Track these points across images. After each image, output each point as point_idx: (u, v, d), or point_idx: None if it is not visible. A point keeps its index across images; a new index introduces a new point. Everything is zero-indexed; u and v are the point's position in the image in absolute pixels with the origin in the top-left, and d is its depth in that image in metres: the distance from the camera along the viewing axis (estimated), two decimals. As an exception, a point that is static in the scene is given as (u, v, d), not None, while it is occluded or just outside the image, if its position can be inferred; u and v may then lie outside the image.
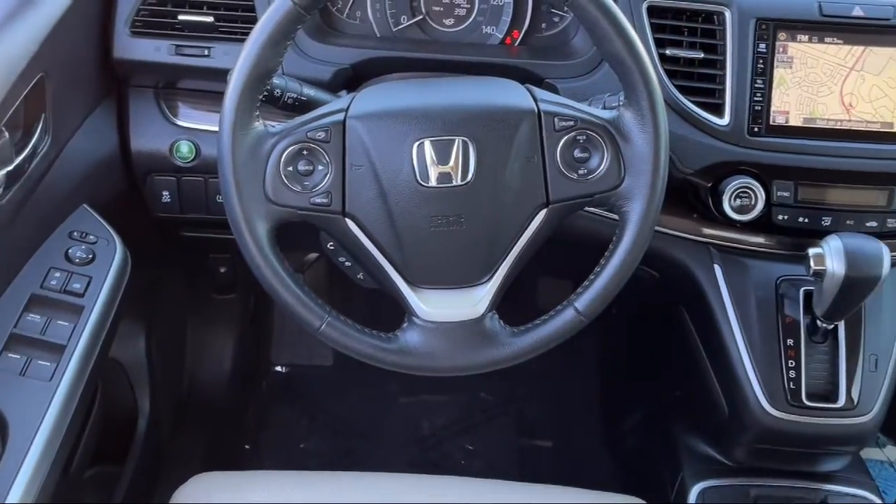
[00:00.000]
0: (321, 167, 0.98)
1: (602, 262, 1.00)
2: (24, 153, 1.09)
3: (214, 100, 1.27)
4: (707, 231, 1.29)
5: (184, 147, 1.30)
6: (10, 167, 1.05)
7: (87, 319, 1.12)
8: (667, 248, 1.29)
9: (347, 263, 1.20)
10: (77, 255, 1.16)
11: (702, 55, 1.21)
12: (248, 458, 1.97)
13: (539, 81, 1.23)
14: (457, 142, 0.97)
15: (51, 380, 1.06)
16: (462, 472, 1.84)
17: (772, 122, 1.21)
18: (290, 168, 0.97)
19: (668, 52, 1.21)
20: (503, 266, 1.01)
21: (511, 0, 1.33)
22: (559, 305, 1.01)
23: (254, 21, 1.13)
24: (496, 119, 0.98)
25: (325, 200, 0.98)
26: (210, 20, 1.25)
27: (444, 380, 1.03)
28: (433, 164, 0.97)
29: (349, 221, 0.99)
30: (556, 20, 1.34)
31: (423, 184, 0.97)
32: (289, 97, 1.12)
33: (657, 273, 1.35)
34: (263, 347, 2.17)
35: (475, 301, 1.00)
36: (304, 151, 0.98)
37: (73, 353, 1.09)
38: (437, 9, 1.33)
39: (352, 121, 0.98)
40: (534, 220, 1.00)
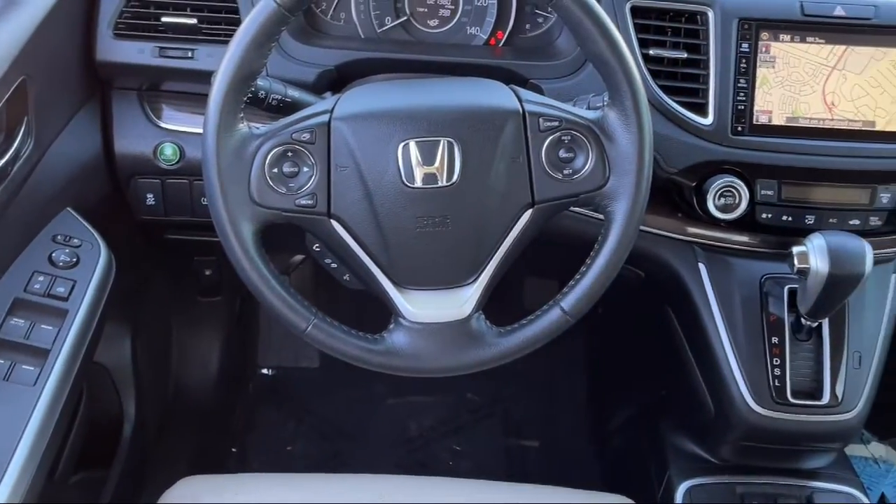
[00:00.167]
0: (306, 169, 0.98)
1: (588, 262, 1.00)
2: (7, 156, 1.08)
3: (198, 102, 1.27)
4: (691, 230, 1.29)
5: (168, 149, 1.30)
6: (-7, 171, 1.05)
7: (72, 323, 1.11)
8: (652, 248, 1.29)
9: (333, 265, 1.20)
10: (61, 259, 1.16)
11: (685, 55, 1.22)
12: (235, 461, 1.96)
13: (523, 82, 1.23)
14: (442, 142, 0.97)
15: (35, 384, 1.05)
16: (449, 473, 1.84)
17: (755, 122, 1.21)
18: (275, 170, 0.97)
19: (652, 53, 1.21)
20: (489, 266, 1.01)
21: (495, 1, 1.33)
22: (545, 305, 1.01)
23: (237, 23, 1.13)
24: (481, 120, 0.98)
25: (311, 202, 0.98)
26: (193, 22, 1.24)
27: (431, 381, 1.03)
28: (418, 165, 0.96)
29: (335, 223, 0.99)
30: (541, 21, 1.35)
31: (409, 185, 0.97)
32: (273, 99, 1.12)
33: (642, 273, 1.36)
34: (249, 350, 2.16)
35: (461, 302, 1.00)
36: (289, 153, 0.97)
37: (58, 358, 1.08)
38: (422, 10, 1.33)
39: (337, 122, 0.98)
40: (519, 221, 1.00)
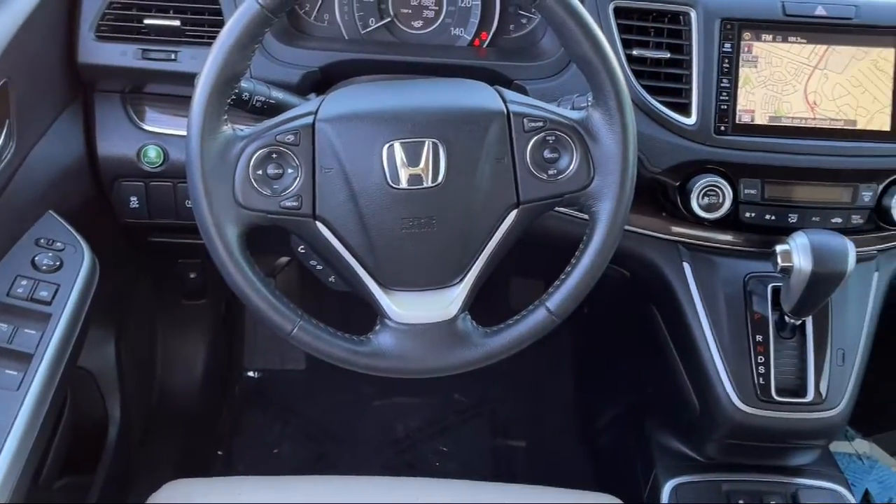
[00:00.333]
0: (291, 170, 0.98)
1: (573, 262, 1.01)
2: (-11, 160, 1.07)
3: (182, 104, 1.26)
4: (676, 229, 1.29)
5: (151, 152, 1.29)
6: (-26, 174, 1.04)
7: (55, 327, 1.10)
8: (637, 247, 1.30)
9: (319, 267, 1.20)
10: (44, 263, 1.15)
11: (668, 55, 1.22)
12: (221, 464, 1.95)
13: (508, 83, 1.23)
14: (427, 143, 0.97)
15: (18, 389, 1.04)
16: (436, 474, 1.84)
17: (738, 121, 1.22)
18: (260, 172, 0.97)
19: (636, 53, 1.21)
20: (475, 267, 1.01)
21: (479, 2, 1.33)
22: (531, 305, 1.02)
23: (221, 24, 1.13)
24: (466, 120, 0.98)
25: (296, 204, 0.97)
26: (176, 24, 1.24)
27: (418, 382, 1.03)
28: (403, 166, 0.96)
29: (320, 225, 0.98)
30: (524, 22, 1.35)
31: (394, 186, 0.97)
32: (257, 101, 1.11)
33: (628, 272, 1.36)
34: (235, 352, 2.15)
35: (447, 302, 1.00)
36: (274, 155, 0.97)
37: (41, 362, 1.07)
38: (406, 11, 1.33)
39: (321, 123, 0.98)
40: (505, 221, 1.00)
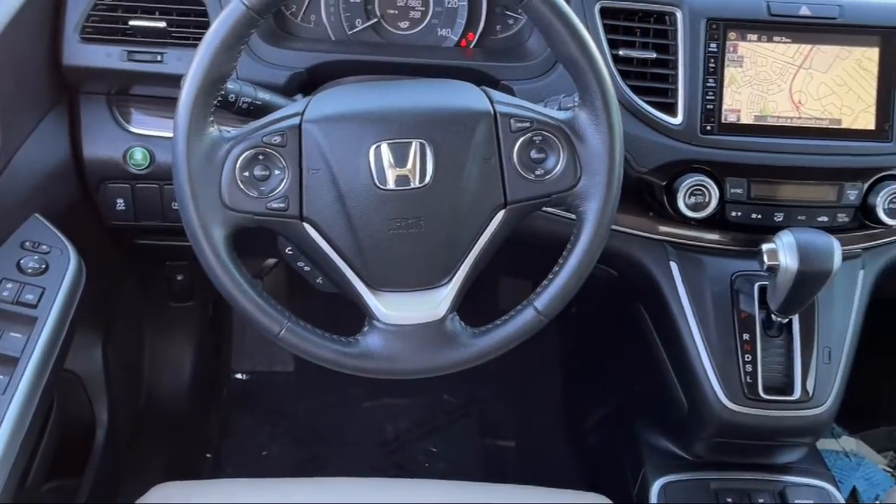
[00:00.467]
0: (278, 172, 0.97)
1: (560, 262, 1.01)
2: (-27, 163, 1.07)
3: (168, 106, 1.26)
4: (663, 229, 1.30)
5: (138, 154, 1.29)
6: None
7: (41, 331, 1.10)
8: (624, 247, 1.30)
9: (306, 268, 1.20)
10: (29, 266, 1.14)
11: (654, 55, 1.23)
12: (210, 467, 1.94)
13: (495, 83, 1.23)
14: (414, 144, 0.97)
15: (4, 393, 1.04)
16: (426, 475, 1.84)
17: (724, 121, 1.22)
18: (247, 173, 0.97)
19: (622, 53, 1.22)
20: (463, 267, 1.01)
21: (465, 3, 1.33)
22: (519, 305, 1.02)
23: (206, 26, 1.12)
24: (453, 121, 0.98)
25: (283, 205, 0.97)
26: (162, 25, 1.23)
27: (407, 383, 1.03)
28: (391, 167, 0.96)
29: (307, 226, 0.98)
30: (511, 22, 1.35)
31: (381, 187, 0.97)
32: (243, 102, 1.11)
33: (615, 272, 1.36)
34: (223, 355, 2.15)
35: (436, 303, 1.00)
36: (260, 156, 0.97)
37: (27, 366, 1.07)
38: (392, 12, 1.33)
39: (308, 124, 0.97)
40: (492, 221, 1.00)
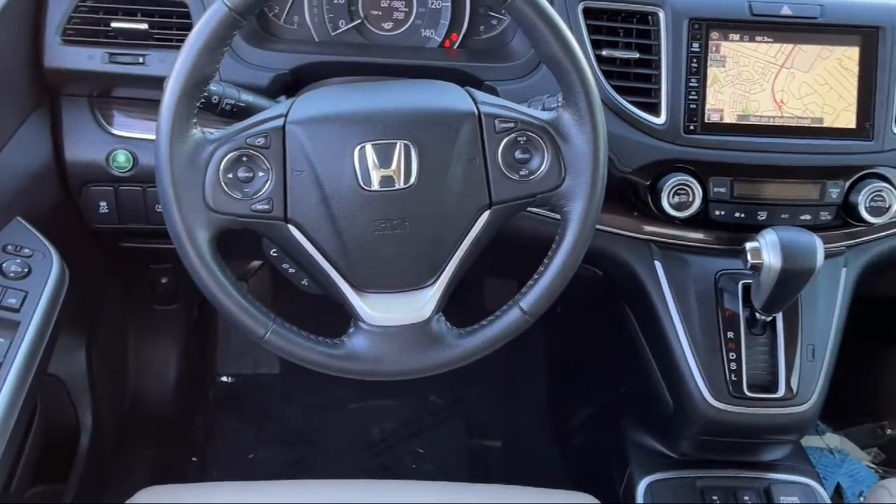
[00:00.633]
0: (262, 173, 0.97)
1: (545, 262, 1.01)
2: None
3: (151, 108, 1.25)
4: (647, 228, 1.30)
5: (120, 156, 1.28)
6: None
7: (24, 335, 1.09)
8: (609, 247, 1.30)
9: (291, 270, 1.19)
10: (12, 270, 1.14)
11: (637, 55, 1.23)
12: (196, 471, 1.94)
13: (479, 84, 1.23)
14: (398, 145, 0.97)
15: (-13, 398, 1.03)
16: (413, 476, 1.84)
17: (707, 120, 1.23)
18: (230, 175, 0.96)
19: (605, 53, 1.22)
20: (448, 268, 1.01)
21: (449, 3, 1.33)
22: (504, 306, 1.02)
23: (189, 27, 1.11)
24: (437, 122, 0.98)
25: (267, 207, 0.97)
26: (144, 27, 1.23)
27: (393, 384, 1.03)
28: (375, 168, 0.96)
29: (292, 228, 0.98)
30: (494, 23, 1.35)
31: (366, 188, 0.97)
32: (226, 104, 1.11)
33: (600, 271, 1.37)
34: (208, 357, 2.14)
35: (421, 304, 1.00)
36: (244, 158, 0.97)
37: (10, 370, 1.06)
38: (376, 13, 1.33)
39: (292, 126, 0.97)
40: (477, 222, 1.00)
